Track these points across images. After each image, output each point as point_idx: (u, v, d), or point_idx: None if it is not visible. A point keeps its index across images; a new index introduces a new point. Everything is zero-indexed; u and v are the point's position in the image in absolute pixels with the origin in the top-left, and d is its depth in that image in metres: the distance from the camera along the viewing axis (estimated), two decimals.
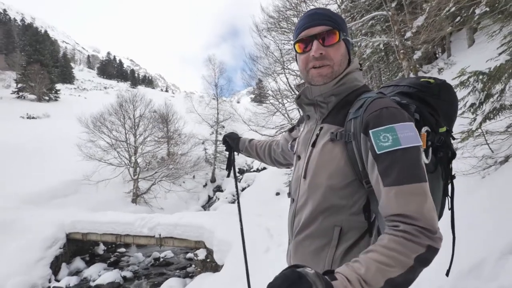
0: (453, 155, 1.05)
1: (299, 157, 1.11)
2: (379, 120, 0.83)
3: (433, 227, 0.72)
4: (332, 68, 0.98)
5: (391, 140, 0.79)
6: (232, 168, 1.96)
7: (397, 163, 0.78)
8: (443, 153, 1.01)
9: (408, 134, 0.79)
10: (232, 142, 1.89)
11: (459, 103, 3.85)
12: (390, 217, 0.77)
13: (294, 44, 1.04)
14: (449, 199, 1.09)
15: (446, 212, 1.11)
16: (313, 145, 1.02)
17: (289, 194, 1.24)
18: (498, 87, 3.64)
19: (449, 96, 1.06)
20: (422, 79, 1.07)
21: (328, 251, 0.93)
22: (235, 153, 1.93)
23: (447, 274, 1.10)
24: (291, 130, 1.49)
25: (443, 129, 1.02)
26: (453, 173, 1.08)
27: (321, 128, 1.02)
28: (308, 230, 0.99)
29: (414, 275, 0.70)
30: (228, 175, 1.99)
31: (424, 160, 0.91)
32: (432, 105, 1.02)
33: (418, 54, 10.10)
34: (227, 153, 1.93)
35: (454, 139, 1.11)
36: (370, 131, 0.83)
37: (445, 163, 1.03)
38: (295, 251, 1.04)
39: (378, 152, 0.81)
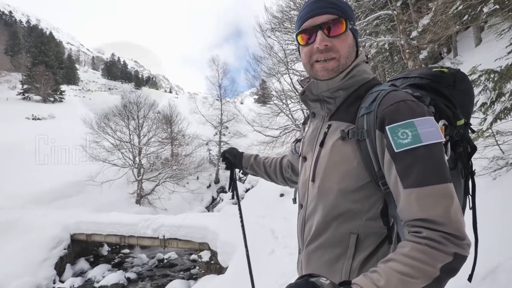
0: (473, 150, 0.97)
1: (305, 159, 1.03)
2: (396, 114, 0.75)
3: (461, 232, 0.65)
4: (338, 61, 0.90)
5: (410, 136, 0.72)
6: (235, 187, 1.71)
7: (419, 162, 0.70)
8: (462, 147, 0.93)
9: (429, 129, 0.72)
10: (234, 159, 1.65)
11: None
12: (411, 222, 0.70)
13: (297, 35, 0.95)
14: (470, 197, 1.00)
15: (467, 212, 1.04)
16: (321, 144, 0.94)
17: (294, 200, 1.15)
18: (510, 86, 3.55)
19: (465, 86, 0.97)
20: (435, 69, 0.98)
21: (344, 262, 0.86)
22: (237, 170, 1.70)
23: (469, 279, 1.02)
24: (297, 142, 1.35)
25: (461, 122, 0.93)
26: (473, 169, 0.99)
27: (329, 126, 0.94)
28: (321, 238, 0.91)
29: (440, 286, 0.64)
30: (233, 197, 1.75)
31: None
32: (447, 97, 0.93)
33: (424, 54, 9.99)
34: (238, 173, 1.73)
35: (473, 132, 1.02)
36: (387, 127, 0.75)
37: (464, 158, 0.95)
38: (307, 262, 0.97)
39: (396, 151, 0.73)
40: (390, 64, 13.16)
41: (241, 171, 1.67)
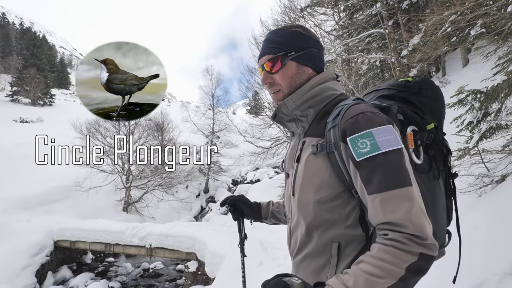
0: (448, 152, 1.02)
1: (287, 175, 1.08)
2: (356, 126, 0.80)
3: (423, 233, 0.69)
4: (283, 92, 0.99)
5: (369, 145, 0.77)
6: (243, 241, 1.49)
7: (378, 168, 0.75)
8: (435, 150, 0.97)
9: (387, 138, 0.76)
10: (249, 210, 1.42)
11: (456, 120, 3.89)
12: (379, 226, 0.75)
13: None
14: (452, 199, 1.04)
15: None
16: (298, 160, 0.98)
17: (285, 215, 1.19)
18: (495, 106, 3.69)
19: (431, 91, 1.03)
20: (400, 79, 1.06)
21: (329, 270, 0.89)
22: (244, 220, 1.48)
23: (454, 281, 1.05)
24: (283, 161, 1.42)
25: (431, 126, 0.98)
26: (453, 172, 1.04)
27: (303, 142, 0.99)
28: (306, 249, 0.95)
29: (406, 285, 0.68)
30: (243, 254, 1.48)
31: (416, 160, 0.88)
32: (415, 103, 0.99)
33: (413, 72, 10.25)
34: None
35: (444, 134, 1.06)
36: (348, 139, 0.80)
37: (440, 161, 0.99)
38: (295, 272, 1.00)
39: (357, 159, 0.78)
40: (381, 80, 13.43)
41: (251, 221, 1.47)
